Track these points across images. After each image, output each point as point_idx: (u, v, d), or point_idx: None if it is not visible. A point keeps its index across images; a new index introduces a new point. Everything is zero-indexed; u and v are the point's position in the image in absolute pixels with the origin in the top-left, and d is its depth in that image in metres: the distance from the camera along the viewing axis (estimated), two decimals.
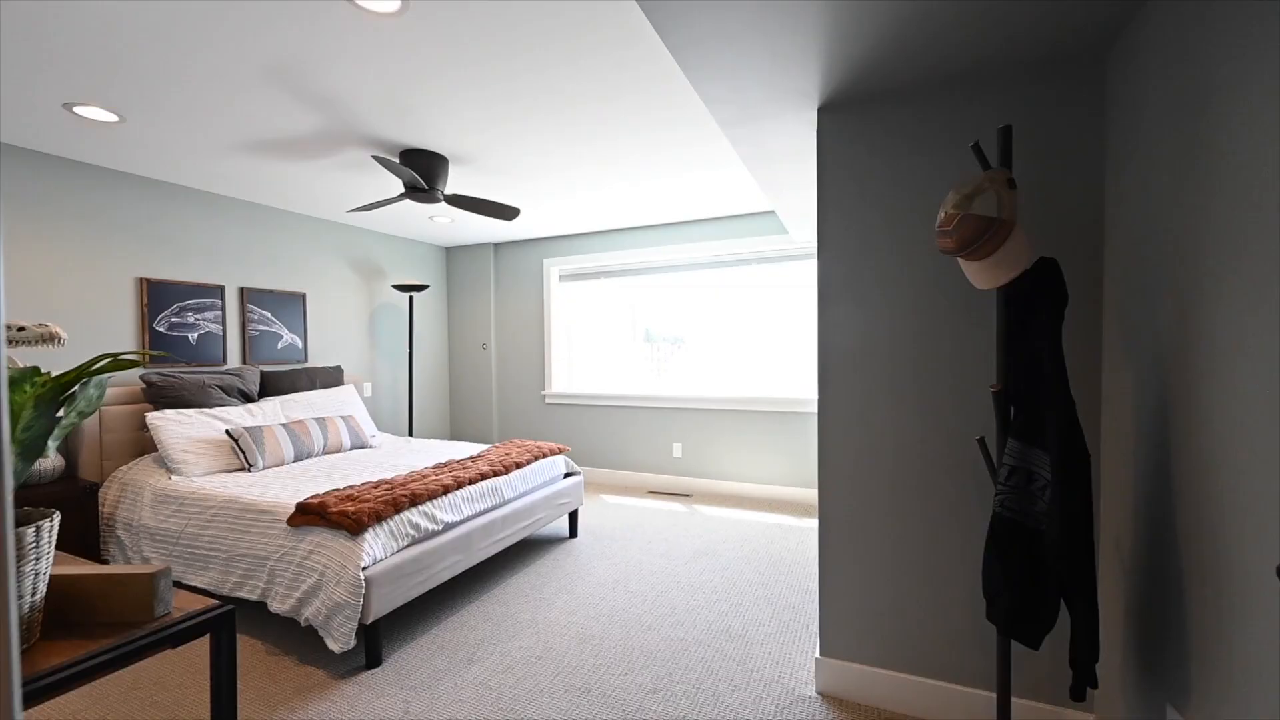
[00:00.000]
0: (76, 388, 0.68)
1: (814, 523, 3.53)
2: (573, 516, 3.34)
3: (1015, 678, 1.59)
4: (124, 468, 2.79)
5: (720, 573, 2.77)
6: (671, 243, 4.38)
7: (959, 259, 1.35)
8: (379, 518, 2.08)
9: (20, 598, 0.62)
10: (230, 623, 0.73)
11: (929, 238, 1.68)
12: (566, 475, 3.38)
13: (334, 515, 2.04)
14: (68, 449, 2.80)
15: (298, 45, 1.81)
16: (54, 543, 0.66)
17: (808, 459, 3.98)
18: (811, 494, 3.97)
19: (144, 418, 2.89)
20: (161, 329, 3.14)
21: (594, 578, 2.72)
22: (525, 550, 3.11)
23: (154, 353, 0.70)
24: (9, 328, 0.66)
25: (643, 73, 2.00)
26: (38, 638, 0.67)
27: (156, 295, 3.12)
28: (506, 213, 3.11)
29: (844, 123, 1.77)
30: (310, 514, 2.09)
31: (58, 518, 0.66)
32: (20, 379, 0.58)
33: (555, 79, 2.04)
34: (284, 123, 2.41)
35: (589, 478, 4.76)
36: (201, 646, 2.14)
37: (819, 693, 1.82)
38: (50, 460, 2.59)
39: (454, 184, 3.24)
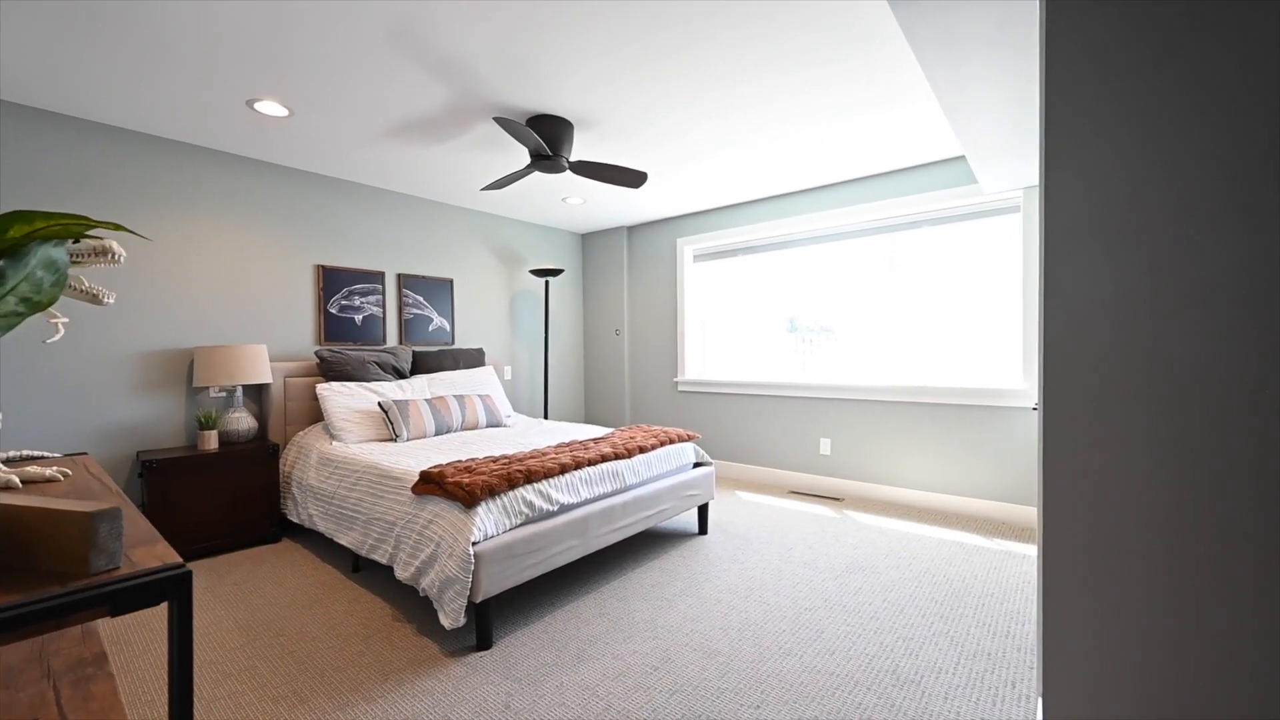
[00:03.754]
0: (3, 262, 0.53)
1: (1011, 545, 2.76)
2: (702, 511, 3.02)
3: None
4: (300, 433, 3.12)
5: (881, 595, 2.23)
6: (820, 209, 3.82)
7: None
8: (492, 491, 1.97)
9: None
10: (186, 588, 0.53)
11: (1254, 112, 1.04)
12: (696, 465, 3.07)
13: (450, 486, 1.97)
14: (260, 414, 3.21)
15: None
16: None
17: (1005, 463, 3.16)
18: (1011, 508, 3.14)
19: (316, 389, 3.21)
20: (334, 310, 3.49)
21: (723, 582, 2.37)
22: (648, 543, 2.86)
23: (114, 224, 0.54)
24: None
25: None
26: None
27: (330, 280, 3.47)
28: (632, 178, 2.89)
29: None
30: (430, 483, 2.06)
31: None
32: None
33: (677, 7, 1.74)
34: (416, 97, 2.44)
35: (723, 472, 4.39)
36: (359, 606, 2.22)
37: None
38: (247, 422, 2.97)
39: (579, 151, 3.11)
